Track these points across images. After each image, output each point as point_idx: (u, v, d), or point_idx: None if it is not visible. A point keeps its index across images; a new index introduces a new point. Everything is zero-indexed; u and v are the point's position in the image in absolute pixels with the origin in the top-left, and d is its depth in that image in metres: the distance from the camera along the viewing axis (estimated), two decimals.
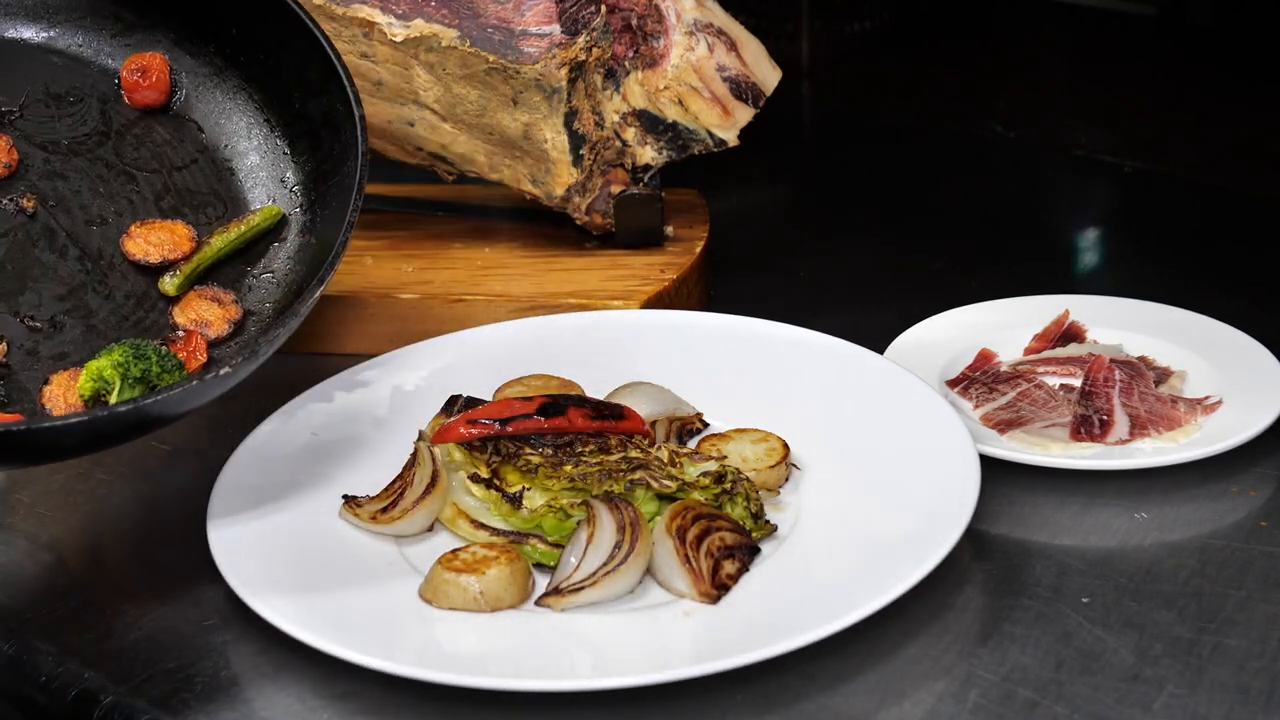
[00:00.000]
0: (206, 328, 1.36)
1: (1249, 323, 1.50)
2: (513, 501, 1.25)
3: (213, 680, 1.15)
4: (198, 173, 1.44)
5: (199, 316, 1.37)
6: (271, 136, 1.44)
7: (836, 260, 1.80)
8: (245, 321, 1.38)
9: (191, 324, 1.37)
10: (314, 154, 1.43)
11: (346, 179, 1.36)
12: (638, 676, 1.09)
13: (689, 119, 1.65)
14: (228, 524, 1.25)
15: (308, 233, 1.41)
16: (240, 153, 1.45)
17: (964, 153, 2.10)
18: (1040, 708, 1.09)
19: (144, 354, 1.28)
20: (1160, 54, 2.33)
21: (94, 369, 1.27)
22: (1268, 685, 1.10)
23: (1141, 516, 1.29)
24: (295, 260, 1.40)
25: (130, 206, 1.41)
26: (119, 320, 1.36)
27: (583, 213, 1.65)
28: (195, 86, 1.46)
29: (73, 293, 1.36)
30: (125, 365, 1.26)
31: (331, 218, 1.38)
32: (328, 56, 1.37)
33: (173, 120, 1.46)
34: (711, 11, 1.66)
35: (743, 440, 1.33)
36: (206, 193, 1.43)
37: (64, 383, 1.31)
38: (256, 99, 1.45)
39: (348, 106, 1.36)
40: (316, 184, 1.42)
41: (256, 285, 1.40)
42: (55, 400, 1.30)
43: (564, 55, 1.56)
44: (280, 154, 1.44)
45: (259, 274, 1.40)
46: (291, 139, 1.44)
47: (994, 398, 1.42)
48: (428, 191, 1.83)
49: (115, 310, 1.36)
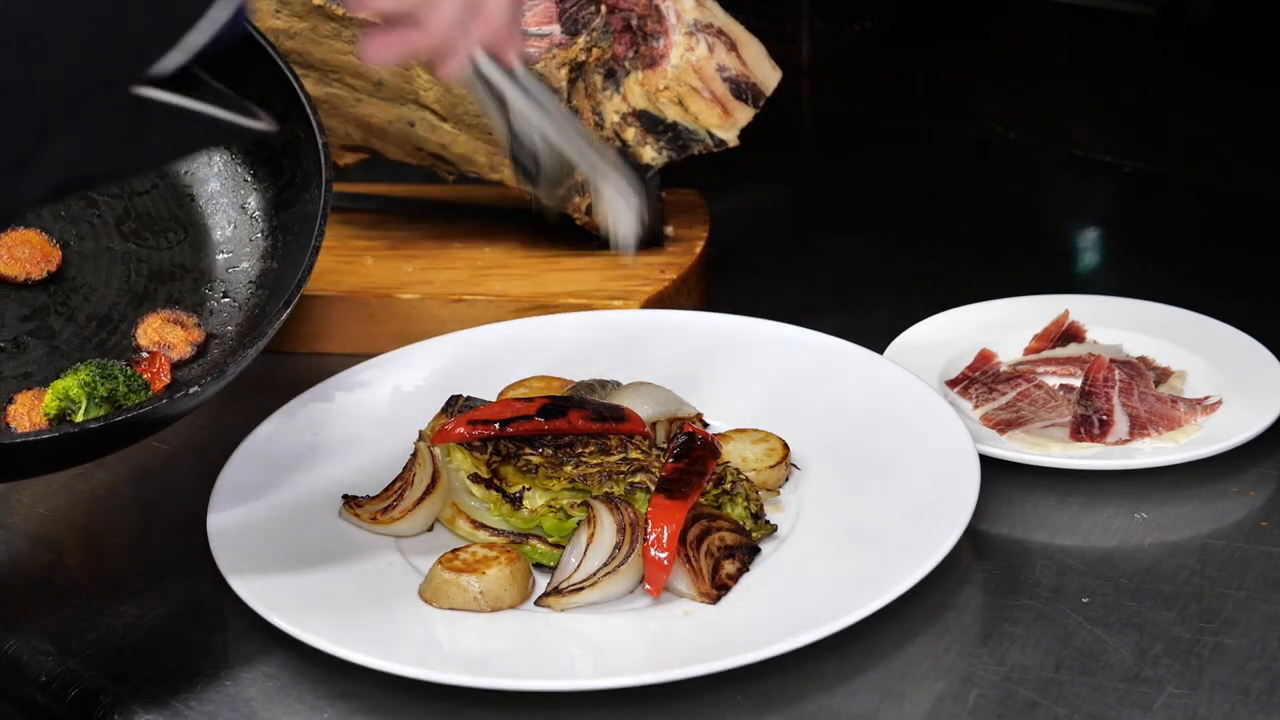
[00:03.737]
0: (169, 349, 1.37)
1: (1249, 323, 1.50)
2: (513, 502, 1.25)
3: (213, 680, 1.15)
4: (158, 198, 1.45)
5: (162, 338, 1.38)
6: (232, 163, 1.44)
7: (837, 260, 1.80)
8: (208, 344, 1.39)
9: (154, 345, 1.37)
10: (275, 181, 1.43)
11: (310, 205, 1.36)
12: (638, 676, 1.09)
13: (689, 119, 1.65)
14: (228, 524, 1.26)
15: (269, 258, 1.42)
16: (200, 179, 1.45)
17: (964, 153, 2.10)
18: (1040, 708, 1.09)
19: (111, 373, 1.28)
20: (1160, 54, 2.33)
21: (60, 388, 1.28)
22: (1268, 685, 1.10)
23: (1141, 516, 1.29)
24: (257, 285, 1.41)
25: (91, 230, 1.42)
26: (81, 341, 1.37)
27: (583, 213, 1.65)
28: None
29: (35, 313, 1.37)
30: (92, 384, 1.27)
31: (295, 244, 1.38)
32: (290, 85, 1.36)
33: None
34: (711, 12, 1.66)
35: (743, 440, 1.33)
36: (167, 217, 1.44)
37: (28, 401, 1.31)
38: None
39: (310, 135, 1.35)
40: (278, 210, 1.42)
41: (217, 309, 1.41)
42: (19, 419, 1.30)
43: (564, 55, 1.56)
44: (241, 180, 1.44)
45: (219, 298, 1.41)
46: (253, 167, 1.44)
47: (994, 398, 1.42)
48: (428, 191, 1.83)
49: (78, 332, 1.37)
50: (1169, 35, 2.36)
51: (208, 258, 1.43)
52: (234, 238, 1.44)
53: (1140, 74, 2.28)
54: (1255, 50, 2.24)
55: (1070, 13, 2.44)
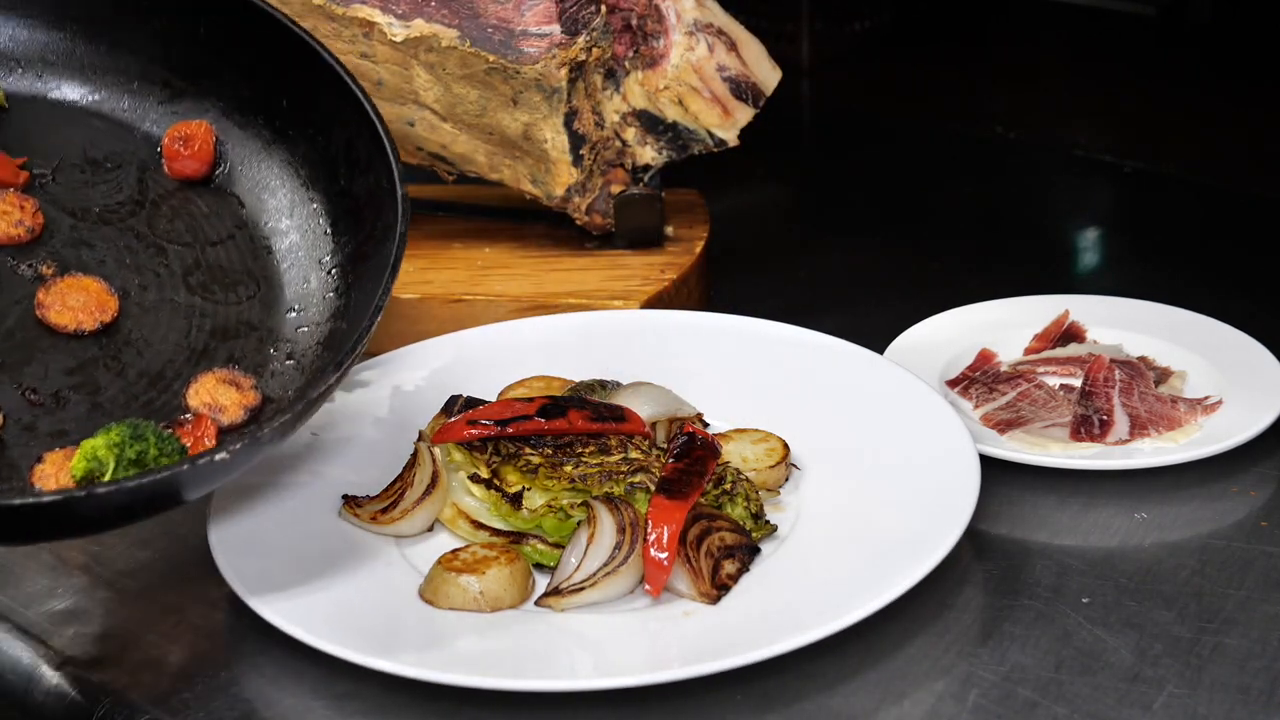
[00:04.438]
0: (220, 413, 1.25)
1: (1249, 323, 1.50)
2: (513, 502, 1.25)
3: (213, 680, 1.15)
4: (233, 249, 1.35)
5: (213, 400, 1.26)
6: (315, 215, 1.35)
7: (836, 260, 1.80)
8: (263, 409, 1.27)
9: (204, 407, 1.25)
10: (355, 234, 1.33)
11: (383, 260, 1.26)
12: (638, 676, 1.09)
13: (689, 119, 1.65)
14: (228, 524, 1.25)
15: (339, 319, 1.31)
16: (281, 231, 1.36)
17: (964, 153, 2.10)
18: (1040, 708, 1.09)
19: (142, 434, 1.16)
20: (1160, 54, 2.33)
21: (89, 448, 1.16)
22: (1268, 685, 1.10)
23: (1141, 516, 1.29)
24: (323, 346, 1.31)
25: (156, 280, 1.32)
26: (128, 399, 1.25)
27: (583, 213, 1.65)
28: (241, 159, 1.37)
29: (82, 367, 1.26)
30: (121, 445, 1.15)
31: (363, 301, 1.27)
32: (376, 131, 1.29)
33: (213, 193, 1.37)
34: (711, 11, 1.66)
35: (743, 440, 1.33)
36: (240, 270, 1.34)
37: (58, 461, 1.19)
38: (303, 174, 1.36)
39: (392, 184, 1.28)
40: (354, 265, 1.32)
41: (279, 371, 1.29)
42: (46, 479, 1.18)
43: (564, 55, 1.56)
44: (321, 234, 1.35)
45: (283, 360, 1.30)
46: (334, 218, 1.35)
47: (994, 398, 1.43)
48: (428, 191, 1.83)
49: (126, 389, 1.26)
50: (1169, 35, 2.36)
51: (277, 315, 1.32)
52: (305, 295, 1.33)
53: (1140, 74, 2.28)
54: (1255, 50, 2.24)
55: (1070, 13, 2.44)
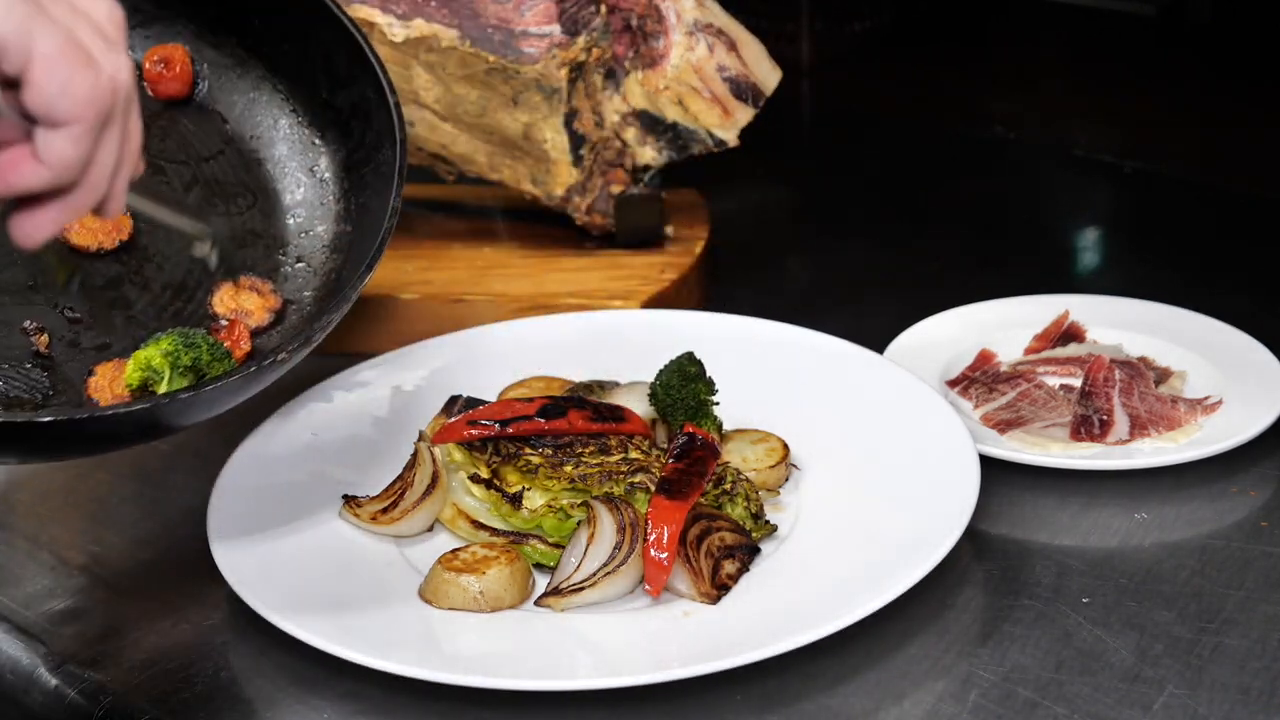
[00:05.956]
0: (247, 317, 1.33)
1: (1249, 323, 1.50)
2: (513, 502, 1.25)
3: (213, 680, 1.15)
4: (225, 164, 1.41)
5: (239, 306, 1.34)
6: (298, 126, 1.41)
7: (836, 260, 1.80)
8: (285, 310, 1.35)
9: (231, 313, 1.33)
10: (344, 143, 1.39)
11: (384, 166, 1.32)
12: (638, 676, 1.09)
13: (689, 119, 1.65)
14: (228, 524, 1.25)
15: (343, 221, 1.38)
16: (267, 143, 1.41)
17: (964, 153, 2.10)
18: (1040, 708, 1.09)
19: (194, 342, 1.24)
20: (1160, 54, 2.33)
21: (142, 358, 1.23)
22: (1268, 685, 1.10)
23: (1141, 516, 1.29)
24: (332, 249, 1.38)
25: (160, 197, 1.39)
26: (158, 311, 1.33)
27: (583, 213, 1.65)
28: (218, 78, 1.42)
29: (110, 283, 1.33)
30: (175, 354, 1.23)
31: (370, 206, 1.35)
32: (358, 45, 1.33)
33: (196, 111, 1.42)
34: (711, 11, 1.66)
35: (743, 440, 1.33)
36: (235, 183, 1.40)
37: (109, 373, 1.27)
38: (281, 89, 1.42)
39: (380, 94, 1.32)
40: (349, 173, 1.39)
41: (292, 274, 1.37)
42: (101, 391, 1.26)
43: (564, 55, 1.56)
44: (309, 144, 1.41)
45: (293, 263, 1.38)
46: (321, 129, 1.41)
47: (994, 398, 1.42)
48: (428, 191, 1.83)
49: (153, 301, 1.33)
50: (1169, 35, 2.36)
51: (279, 223, 1.39)
52: (305, 201, 1.40)
53: (1140, 74, 2.28)
54: (1255, 50, 2.24)
55: (1070, 13, 2.44)
